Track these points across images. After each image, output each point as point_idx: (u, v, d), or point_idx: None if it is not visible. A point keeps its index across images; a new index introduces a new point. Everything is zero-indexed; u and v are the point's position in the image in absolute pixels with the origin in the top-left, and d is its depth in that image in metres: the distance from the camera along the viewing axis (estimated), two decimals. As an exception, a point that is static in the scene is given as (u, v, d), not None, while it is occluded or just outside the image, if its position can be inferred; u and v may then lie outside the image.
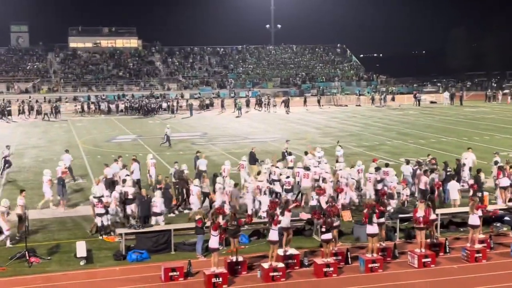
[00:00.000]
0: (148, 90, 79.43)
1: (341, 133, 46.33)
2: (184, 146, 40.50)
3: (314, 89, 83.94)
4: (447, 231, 19.82)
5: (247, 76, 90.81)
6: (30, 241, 18.39)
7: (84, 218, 21.86)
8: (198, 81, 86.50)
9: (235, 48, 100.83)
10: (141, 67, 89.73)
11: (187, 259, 16.71)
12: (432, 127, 49.43)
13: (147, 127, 53.90)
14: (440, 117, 58.41)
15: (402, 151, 35.93)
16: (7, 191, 26.86)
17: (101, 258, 17.85)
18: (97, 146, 40.24)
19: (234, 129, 51.22)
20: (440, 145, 38.26)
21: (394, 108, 70.21)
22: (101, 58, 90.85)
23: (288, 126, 52.20)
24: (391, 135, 44.27)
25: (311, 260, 16.93)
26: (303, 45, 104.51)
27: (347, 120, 57.36)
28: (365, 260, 16.55)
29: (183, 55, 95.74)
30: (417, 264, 16.73)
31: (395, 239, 18.79)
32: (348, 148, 36.79)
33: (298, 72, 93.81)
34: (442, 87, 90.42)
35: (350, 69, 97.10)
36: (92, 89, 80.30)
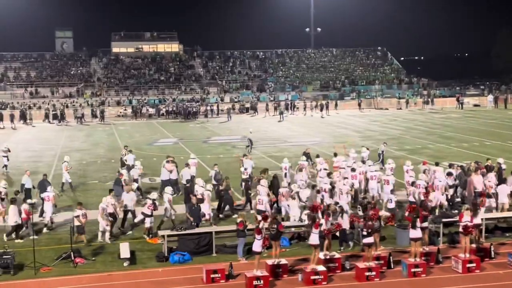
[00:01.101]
0: (189, 94, 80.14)
1: (382, 137, 45.84)
2: (224, 149, 40.74)
3: (354, 93, 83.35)
4: (493, 236, 19.44)
5: (287, 79, 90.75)
6: (75, 241, 18.79)
7: (129, 220, 22.17)
8: (238, 85, 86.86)
9: (274, 52, 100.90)
10: (182, 71, 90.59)
11: (229, 261, 16.81)
12: (475, 130, 48.55)
13: (188, 130, 54.40)
14: (484, 120, 57.34)
15: (444, 154, 35.39)
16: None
17: (144, 259, 18.10)
18: (140, 149, 40.80)
19: (273, 132, 51.24)
20: (484, 148, 37.55)
21: (436, 111, 69.20)
22: (143, 62, 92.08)
23: (329, 130, 51.97)
24: (434, 139, 43.64)
25: (352, 264, 16.83)
26: (343, 48, 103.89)
27: (388, 123, 56.78)
28: (408, 264, 16.37)
29: (223, 59, 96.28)
30: (461, 269, 16.46)
31: (438, 244, 18.53)
32: (390, 152, 36.42)
33: (338, 75, 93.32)
34: (486, 90, 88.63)
35: (391, 72, 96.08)
36: (134, 93, 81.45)
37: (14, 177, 30.42)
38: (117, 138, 48.83)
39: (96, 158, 36.87)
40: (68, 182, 27.61)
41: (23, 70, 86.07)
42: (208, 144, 44.09)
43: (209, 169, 27.80)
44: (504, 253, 17.61)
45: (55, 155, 39.33)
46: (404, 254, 17.39)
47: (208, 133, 51.90)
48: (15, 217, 19.99)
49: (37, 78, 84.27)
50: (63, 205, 24.77)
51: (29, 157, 38.16)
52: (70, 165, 28.55)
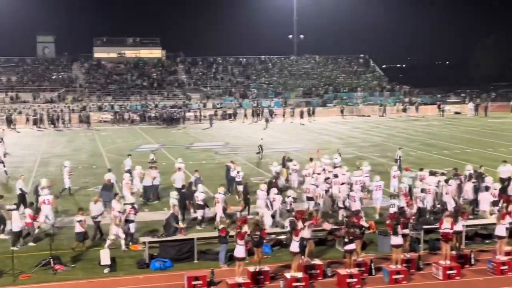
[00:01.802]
0: (172, 100, 79.94)
1: (364, 144, 46.14)
2: (207, 156, 40.66)
3: (336, 100, 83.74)
4: (473, 243, 19.59)
5: (270, 86, 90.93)
6: (55, 248, 18.59)
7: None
8: (221, 91, 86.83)
9: (257, 59, 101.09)
10: (165, 77, 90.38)
11: (210, 268, 16.75)
12: (457, 138, 48.97)
13: (170, 136, 54.23)
14: (465, 128, 57.86)
15: (426, 162, 35.61)
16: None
17: (124, 266, 17.97)
18: (122, 155, 40.51)
19: (256, 139, 51.19)
20: (465, 156, 37.88)
21: (417, 118, 69.71)
22: (125, 68, 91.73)
23: (311, 136, 52.11)
24: (415, 146, 43.94)
25: (334, 271, 16.85)
26: (326, 56, 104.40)
27: (370, 130, 57.08)
28: (389, 271, 16.43)
29: (206, 65, 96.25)
30: (441, 276, 16.56)
31: (419, 251, 18.63)
32: (372, 159, 36.62)
33: (320, 82, 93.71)
34: (467, 98, 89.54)
35: (373, 80, 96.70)
36: (116, 99, 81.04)
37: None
38: (99, 144, 48.52)
39: (77, 164, 36.55)
40: (68, 187, 27.43)
41: (4, 75, 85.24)
42: (191, 150, 43.99)
43: (190, 174, 27.75)
44: (484, 260, 17.75)
45: (35, 160, 39.01)
46: (385, 261, 17.45)
47: (191, 139, 51.79)
48: (18, 223, 19.82)
49: (18, 82, 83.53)
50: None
51: (11, 163, 37.70)
52: (71, 170, 28.58)
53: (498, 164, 30.61)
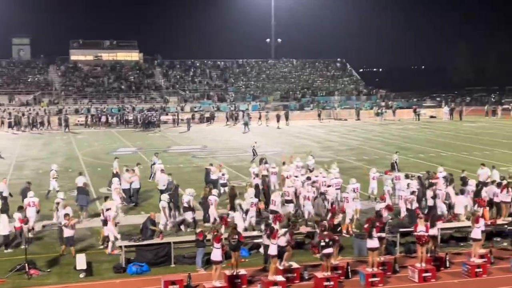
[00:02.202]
0: (149, 104, 79.60)
1: (341, 147, 46.41)
2: (185, 159, 40.55)
3: (313, 103, 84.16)
4: (448, 245, 19.81)
5: (247, 89, 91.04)
6: (30, 253, 18.38)
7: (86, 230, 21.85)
8: (198, 95, 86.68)
9: (235, 62, 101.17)
10: (142, 80, 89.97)
11: (187, 272, 16.71)
12: (432, 141, 49.50)
13: (148, 139, 53.98)
14: (440, 131, 58.51)
15: (402, 165, 35.86)
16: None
17: (101, 270, 17.84)
18: (98, 159, 40.29)
19: (234, 142, 51.30)
20: (440, 159, 38.26)
21: (394, 122, 70.32)
22: (102, 71, 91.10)
23: (289, 140, 52.27)
24: (391, 149, 44.24)
25: (311, 274, 16.92)
26: (303, 60, 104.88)
27: (347, 134, 57.45)
28: (366, 274, 16.55)
29: (183, 69, 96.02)
30: (417, 279, 16.72)
31: (395, 253, 18.79)
32: (349, 162, 36.87)
33: (298, 86, 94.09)
34: (442, 102, 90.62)
35: (350, 84, 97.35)
36: (92, 101, 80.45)
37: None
38: (75, 147, 48.12)
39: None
40: (56, 190, 27.17)
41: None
42: (168, 153, 43.82)
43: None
44: (459, 262, 17.95)
45: (10, 164, 38.56)
46: (362, 264, 17.57)
47: (168, 142, 51.62)
48: (7, 227, 19.62)
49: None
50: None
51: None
52: (57, 173, 28.44)
53: (472, 167, 31.08)
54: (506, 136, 52.78)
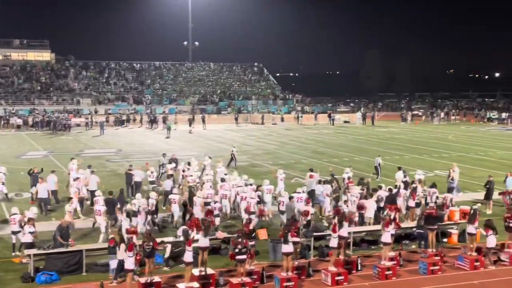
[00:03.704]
0: (61, 105, 77.23)
1: (258, 151, 46.72)
2: (98, 163, 39.51)
3: (230, 107, 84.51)
4: (359, 248, 20.30)
5: (164, 92, 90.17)
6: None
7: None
8: (114, 97, 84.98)
9: (152, 64, 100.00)
10: (54, 81, 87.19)
11: (100, 281, 16.25)
12: (346, 146, 50.73)
13: (59, 143, 52.30)
14: (353, 136, 60.08)
15: (316, 169, 36.52)
16: None
17: (8, 280, 17.05)
18: (6, 163, 38.53)
19: (150, 145, 50.58)
20: (353, 163, 39.11)
21: (310, 127, 71.63)
22: (11, 71, 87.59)
23: (206, 144, 52.12)
24: (307, 154, 45.05)
25: (226, 280, 16.86)
26: (221, 63, 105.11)
27: (263, 138, 57.96)
28: (280, 278, 16.66)
29: (98, 70, 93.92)
30: (330, 282, 17.01)
31: (309, 257, 19.05)
32: (265, 166, 37.14)
33: (215, 89, 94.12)
34: (355, 107, 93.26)
35: (266, 88, 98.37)
36: (1, 102, 77.13)
37: None
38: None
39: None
40: (4, 193, 26.06)
41: None
42: (81, 157, 42.57)
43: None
44: (370, 265, 18.42)
45: None
46: (277, 269, 17.69)
47: (81, 145, 50.23)
48: None
49: None
50: None
51: None
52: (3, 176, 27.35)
53: (384, 171, 32.08)
54: (414, 141, 54.87)
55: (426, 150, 46.99)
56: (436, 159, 41.80)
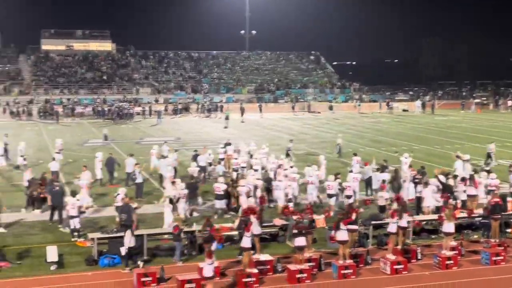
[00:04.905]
0: (121, 94, 78.85)
1: (315, 140, 46.58)
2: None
3: (287, 96, 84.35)
4: (419, 238, 20.02)
5: (222, 81, 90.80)
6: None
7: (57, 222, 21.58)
8: (172, 86, 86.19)
9: (209, 54, 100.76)
10: (115, 71, 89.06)
11: (160, 265, 16.60)
12: (404, 135, 49.95)
13: (120, 131, 53.50)
14: (412, 125, 59.07)
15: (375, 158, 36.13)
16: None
17: (72, 263, 17.63)
18: (69, 150, 39.75)
19: (207, 134, 51.13)
20: (412, 153, 38.60)
21: (367, 115, 70.84)
22: (74, 61, 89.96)
23: (262, 132, 52.28)
24: (364, 142, 44.61)
25: (284, 266, 16.94)
26: (278, 52, 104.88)
27: (320, 126, 57.67)
28: (338, 266, 16.63)
29: (157, 60, 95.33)
30: (389, 271, 16.86)
31: (367, 246, 18.92)
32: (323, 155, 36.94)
33: (272, 78, 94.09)
34: (414, 96, 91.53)
35: (323, 77, 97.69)
36: (64, 92, 79.43)
37: None
38: (45, 138, 47.44)
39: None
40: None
41: None
42: (141, 145, 43.47)
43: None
44: (430, 254, 18.15)
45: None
46: (335, 256, 17.66)
47: (141, 134, 51.25)
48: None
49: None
50: None
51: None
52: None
53: (444, 160, 31.48)
54: (476, 130, 53.50)
55: (488, 139, 45.70)
56: (500, 148, 40.60)
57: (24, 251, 18.56)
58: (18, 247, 18.88)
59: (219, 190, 22.96)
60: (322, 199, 23.94)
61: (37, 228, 21.23)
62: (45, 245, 18.32)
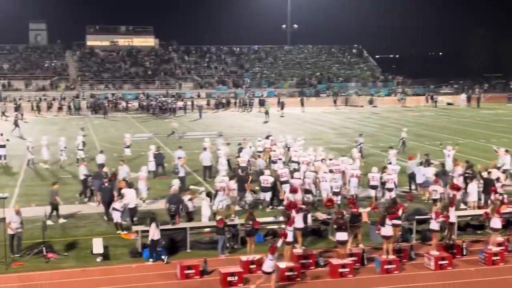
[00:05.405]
0: (164, 89, 79.70)
1: (357, 134, 46.10)
2: (199, 146, 40.50)
3: (329, 90, 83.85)
4: (464, 233, 19.69)
5: (263, 75, 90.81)
6: (47, 236, 18.53)
7: (101, 215, 21.98)
8: (213, 80, 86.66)
9: (251, 48, 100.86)
10: (158, 66, 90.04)
11: (203, 258, 16.76)
12: (449, 128, 49.11)
13: (163, 126, 54.06)
14: (457, 118, 58.03)
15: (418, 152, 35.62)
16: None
17: (117, 255, 17.95)
18: (114, 144, 40.41)
19: (249, 128, 51.24)
20: (457, 145, 37.91)
21: (411, 109, 69.88)
22: (118, 56, 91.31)
23: (304, 126, 52.13)
24: (407, 136, 43.94)
25: (326, 260, 16.90)
26: (319, 46, 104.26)
27: (363, 120, 57.17)
28: (381, 261, 16.49)
29: (199, 54, 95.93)
30: (433, 266, 16.64)
31: (411, 241, 18.70)
32: (364, 149, 36.63)
33: (314, 72, 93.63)
34: (459, 89, 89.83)
35: (366, 70, 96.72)
36: (108, 87, 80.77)
37: None
38: (91, 132, 48.31)
39: (69, 153, 36.31)
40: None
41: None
42: (184, 139, 43.87)
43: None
44: (476, 250, 17.83)
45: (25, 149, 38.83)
46: (377, 251, 17.51)
47: (184, 128, 51.68)
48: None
49: (10, 70, 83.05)
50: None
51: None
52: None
53: (490, 155, 30.81)
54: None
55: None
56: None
57: (70, 243, 18.98)
58: (65, 239, 19.31)
59: (267, 183, 23.02)
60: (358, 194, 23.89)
61: (85, 221, 21.65)
62: (91, 237, 18.72)
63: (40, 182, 28.43)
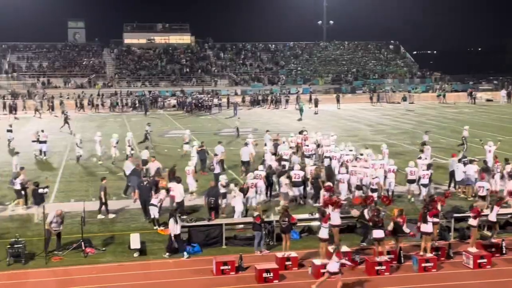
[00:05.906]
0: (200, 86, 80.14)
1: (394, 131, 45.73)
2: (236, 142, 40.70)
3: (365, 86, 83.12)
4: (504, 231, 19.32)
5: (299, 72, 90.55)
6: (86, 231, 18.83)
7: (138, 211, 22.20)
8: (249, 77, 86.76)
9: (287, 45, 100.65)
10: (194, 63, 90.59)
11: (239, 254, 16.82)
12: (488, 125, 48.21)
13: (199, 122, 54.41)
14: (497, 115, 56.92)
15: (457, 149, 35.10)
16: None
17: (154, 250, 18.15)
18: (151, 141, 40.76)
19: (285, 125, 51.12)
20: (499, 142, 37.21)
21: (449, 106, 68.83)
22: (154, 54, 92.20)
23: (340, 123, 51.81)
24: (445, 133, 43.41)
25: (363, 258, 16.78)
26: (356, 42, 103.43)
27: (400, 117, 56.53)
28: (419, 259, 16.31)
29: (235, 51, 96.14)
30: (472, 265, 16.38)
31: (449, 239, 18.44)
32: (402, 146, 36.32)
33: (350, 69, 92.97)
34: (499, 85, 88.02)
35: (403, 66, 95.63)
36: (145, 84, 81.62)
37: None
38: (128, 129, 48.83)
39: (107, 149, 36.80)
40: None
41: (36, 60, 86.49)
42: (219, 136, 44.05)
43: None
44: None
45: (66, 145, 39.56)
46: (415, 249, 17.31)
47: (219, 125, 51.92)
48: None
49: (49, 68, 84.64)
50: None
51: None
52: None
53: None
54: None
55: None
56: None
57: (108, 238, 19.27)
58: (103, 234, 19.61)
59: (298, 177, 23.02)
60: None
61: (122, 217, 21.92)
62: (128, 233, 18.96)
63: (79, 178, 28.90)
